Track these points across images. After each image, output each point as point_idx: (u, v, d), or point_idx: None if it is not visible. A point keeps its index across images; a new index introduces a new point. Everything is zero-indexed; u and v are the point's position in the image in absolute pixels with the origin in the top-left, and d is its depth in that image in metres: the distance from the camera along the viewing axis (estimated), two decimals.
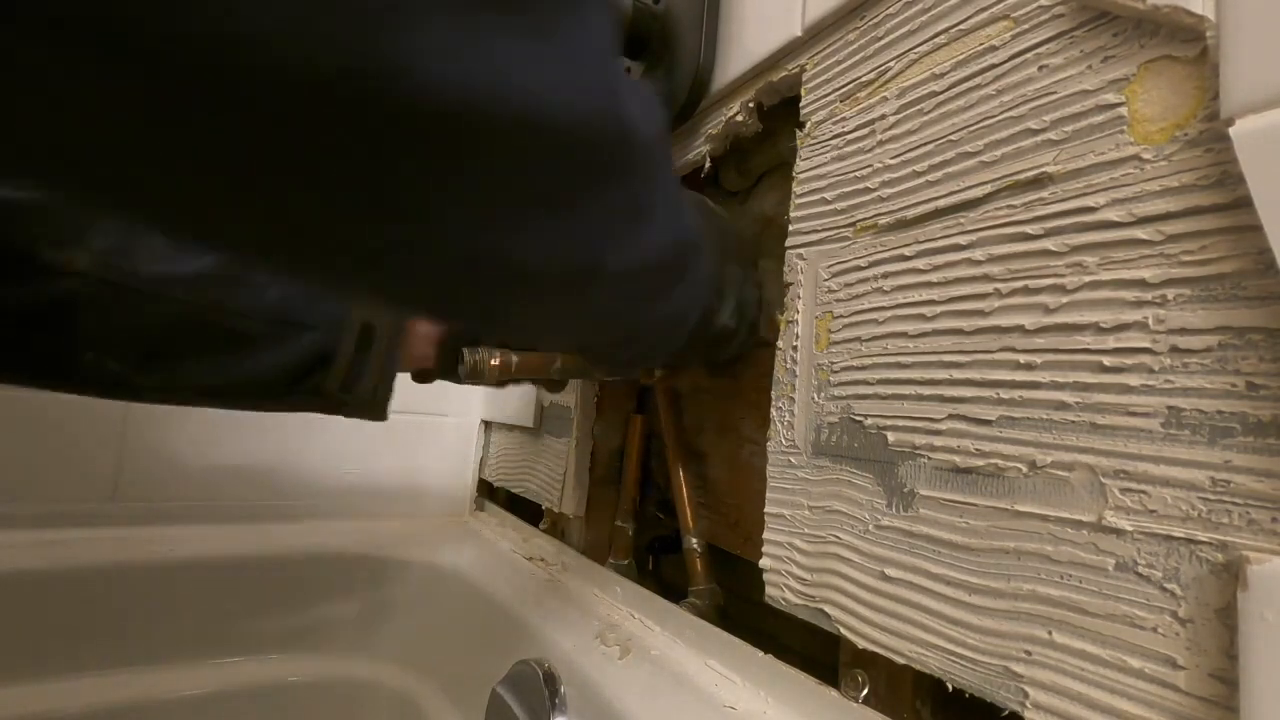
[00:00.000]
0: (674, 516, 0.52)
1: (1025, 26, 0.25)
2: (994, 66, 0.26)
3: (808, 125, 0.36)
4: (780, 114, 0.42)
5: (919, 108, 0.29)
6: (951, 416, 0.26)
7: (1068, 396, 0.23)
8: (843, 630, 0.29)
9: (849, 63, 0.34)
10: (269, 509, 0.66)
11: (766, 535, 0.35)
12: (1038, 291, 0.24)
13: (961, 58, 0.28)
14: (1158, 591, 0.19)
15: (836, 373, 0.32)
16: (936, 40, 0.29)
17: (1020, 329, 0.24)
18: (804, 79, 0.37)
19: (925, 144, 0.29)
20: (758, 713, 0.33)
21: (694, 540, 0.50)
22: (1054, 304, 0.23)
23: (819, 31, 0.36)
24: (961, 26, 0.28)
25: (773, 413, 0.36)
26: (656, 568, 0.60)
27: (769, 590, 0.34)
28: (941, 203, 0.28)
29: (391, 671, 0.63)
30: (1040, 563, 0.23)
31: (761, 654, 0.35)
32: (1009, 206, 0.25)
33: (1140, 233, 0.21)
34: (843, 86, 0.34)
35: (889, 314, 0.30)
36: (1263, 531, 0.18)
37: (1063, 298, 0.23)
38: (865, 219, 0.32)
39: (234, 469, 0.65)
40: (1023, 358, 0.24)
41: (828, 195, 0.34)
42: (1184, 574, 0.19)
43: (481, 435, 0.80)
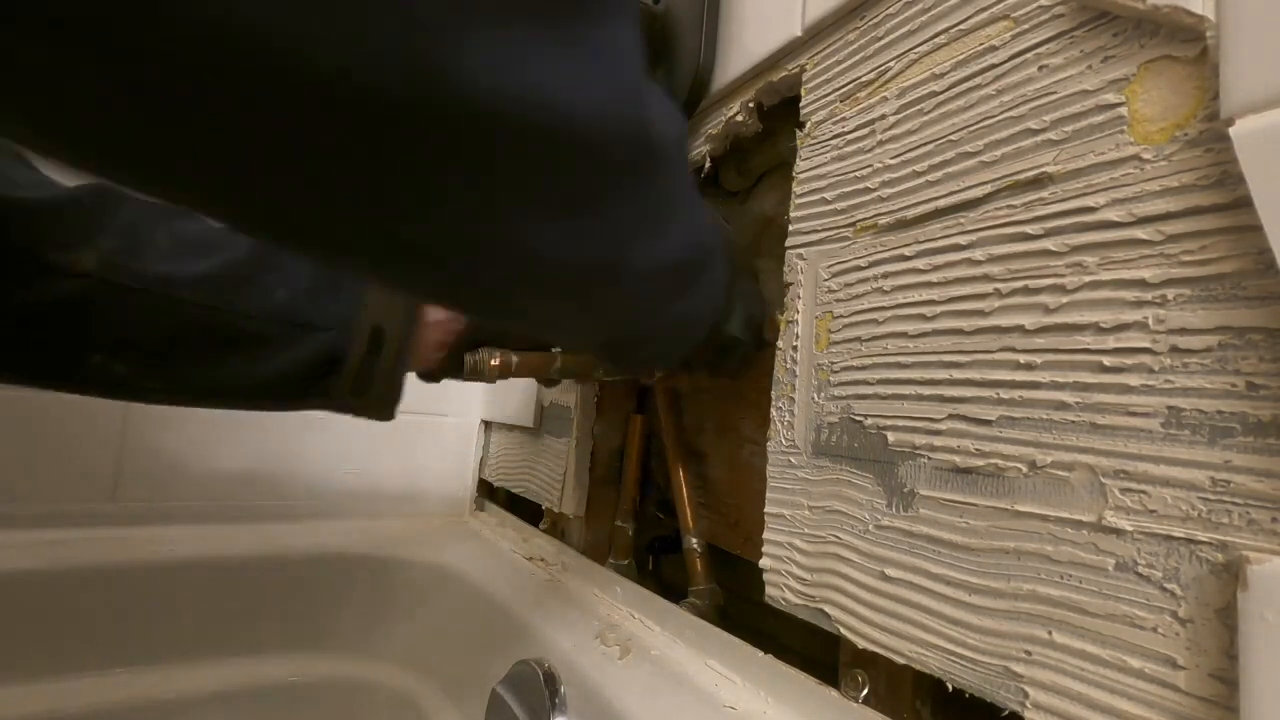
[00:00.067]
0: (674, 516, 0.52)
1: (1025, 26, 0.25)
2: (994, 66, 0.26)
3: (808, 125, 0.36)
4: (780, 114, 0.42)
5: (919, 108, 0.29)
6: (951, 416, 0.26)
7: (1068, 396, 0.23)
8: (843, 630, 0.29)
9: (849, 63, 0.34)
10: (269, 509, 0.66)
11: (766, 535, 0.35)
12: (1038, 291, 0.24)
13: (961, 58, 0.28)
14: (1158, 591, 0.19)
15: (836, 373, 0.32)
16: (936, 40, 0.29)
17: (1020, 329, 0.24)
18: (804, 79, 0.37)
19: (925, 144, 0.29)
20: (758, 713, 0.33)
21: (694, 540, 0.50)
22: (1054, 304, 0.23)
23: (819, 31, 0.36)
24: (961, 26, 0.28)
25: (773, 413, 0.36)
26: (656, 568, 0.60)
27: (769, 590, 0.34)
28: (941, 203, 0.28)
29: (391, 671, 0.63)
30: (1040, 563, 0.23)
31: (761, 654, 0.35)
32: (1009, 206, 0.25)
33: (1140, 233, 0.21)
34: (843, 86, 0.34)
35: (889, 314, 0.30)
36: (1263, 531, 0.18)
37: (1063, 298, 0.23)
38: (865, 219, 0.32)
39: (234, 469, 0.65)
40: (1023, 358, 0.24)
41: (828, 195, 0.34)
42: (1184, 574, 0.19)
43: (481, 435, 0.80)
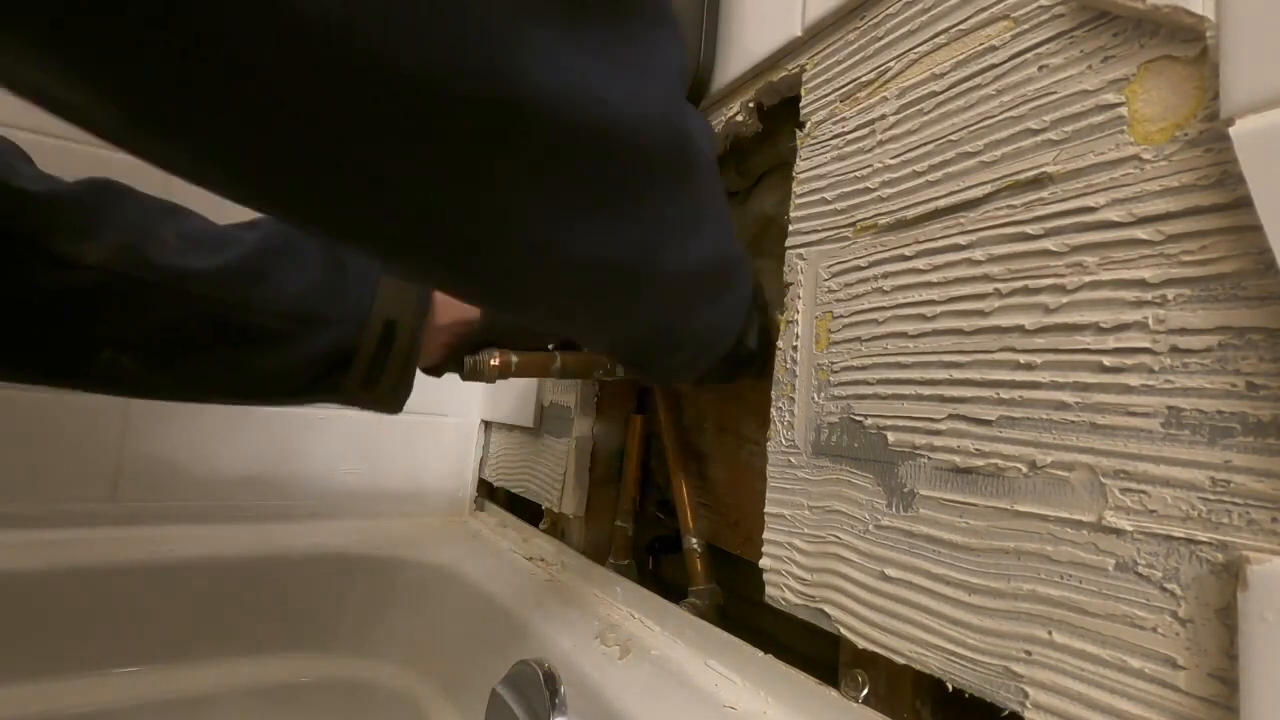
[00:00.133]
0: (674, 516, 0.52)
1: (1025, 26, 0.25)
2: (994, 66, 0.26)
3: (808, 125, 0.36)
4: (780, 114, 0.42)
5: (919, 108, 0.29)
6: (951, 416, 0.26)
7: (1068, 396, 0.23)
8: (843, 630, 0.29)
9: (849, 63, 0.34)
10: (269, 509, 0.66)
11: (766, 535, 0.35)
12: (1038, 291, 0.24)
13: (961, 58, 0.28)
14: (1158, 591, 0.19)
15: (836, 373, 0.32)
16: (936, 40, 0.29)
17: (1020, 329, 0.24)
18: (804, 79, 0.37)
19: (925, 144, 0.29)
20: (758, 713, 0.33)
21: (694, 540, 0.50)
22: (1054, 304, 0.23)
23: (819, 31, 0.36)
24: (961, 26, 0.28)
25: (773, 413, 0.36)
26: (656, 568, 0.60)
27: (769, 590, 0.34)
28: (941, 203, 0.28)
29: (391, 671, 0.63)
30: (1040, 563, 0.23)
31: (761, 654, 0.35)
32: (1009, 206, 0.25)
33: (1140, 233, 0.21)
34: (843, 86, 0.34)
35: (889, 314, 0.30)
36: (1263, 531, 0.18)
37: (1063, 298, 0.23)
38: (865, 219, 0.32)
39: (234, 469, 0.65)
40: (1023, 358, 0.24)
41: (828, 195, 0.34)
42: (1184, 574, 0.19)
43: (481, 435, 0.80)
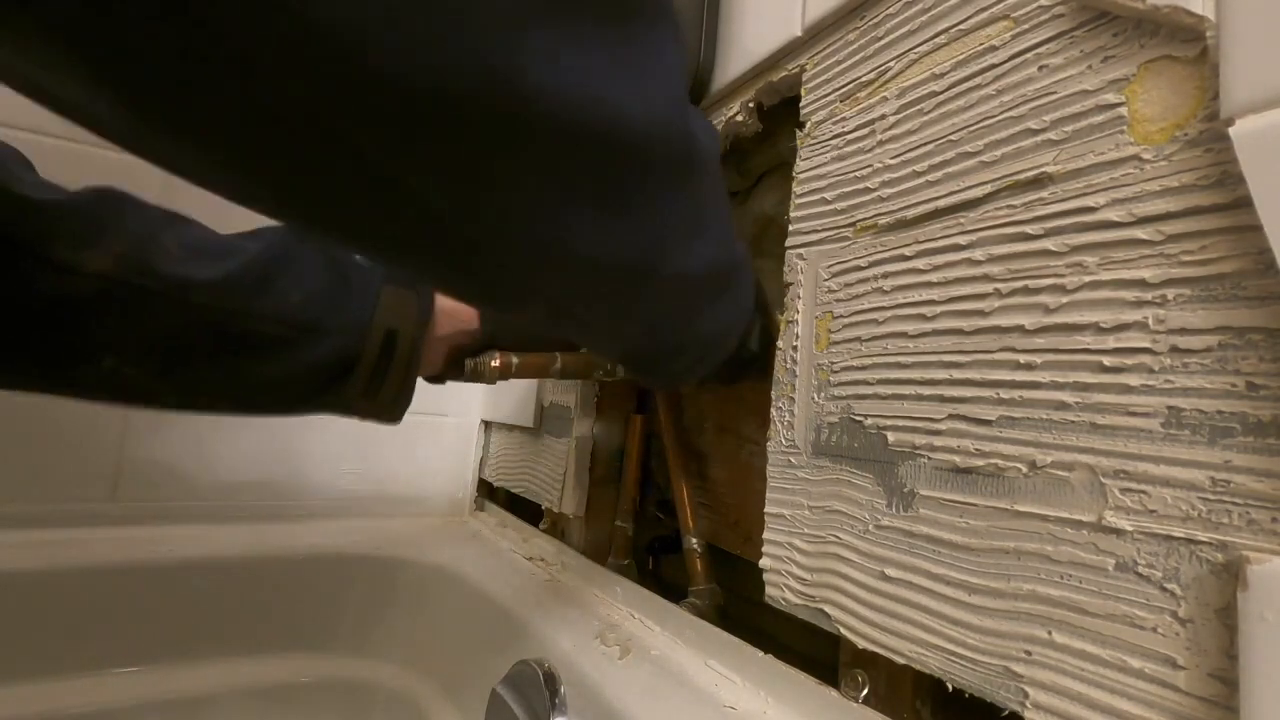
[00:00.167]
0: (674, 516, 0.52)
1: (1025, 26, 0.25)
2: (994, 66, 0.26)
3: (808, 125, 0.36)
4: (780, 114, 0.42)
5: (919, 108, 0.29)
6: (951, 416, 0.26)
7: (1068, 396, 0.23)
8: (843, 630, 0.29)
9: (849, 63, 0.34)
10: (269, 509, 0.66)
11: (766, 535, 0.35)
12: (1038, 291, 0.24)
13: (961, 58, 0.28)
14: (1158, 591, 0.19)
15: (836, 373, 0.32)
16: (936, 40, 0.29)
17: (1020, 329, 0.24)
18: (804, 79, 0.37)
19: (925, 144, 0.29)
20: (758, 713, 0.33)
21: (694, 540, 0.50)
22: (1054, 304, 0.23)
23: (819, 31, 0.36)
24: (961, 26, 0.28)
25: (773, 413, 0.36)
26: (656, 568, 0.60)
27: (769, 590, 0.34)
28: (941, 203, 0.28)
29: (391, 671, 0.63)
30: (1040, 563, 0.23)
31: (761, 654, 0.35)
32: (1009, 206, 0.25)
33: (1140, 233, 0.21)
34: (843, 86, 0.34)
35: (889, 314, 0.30)
36: (1263, 531, 0.18)
37: (1063, 298, 0.23)
38: (865, 219, 0.32)
39: (234, 469, 0.65)
40: (1023, 358, 0.24)
41: (828, 195, 0.34)
42: (1184, 574, 0.19)
43: (481, 435, 0.80)
